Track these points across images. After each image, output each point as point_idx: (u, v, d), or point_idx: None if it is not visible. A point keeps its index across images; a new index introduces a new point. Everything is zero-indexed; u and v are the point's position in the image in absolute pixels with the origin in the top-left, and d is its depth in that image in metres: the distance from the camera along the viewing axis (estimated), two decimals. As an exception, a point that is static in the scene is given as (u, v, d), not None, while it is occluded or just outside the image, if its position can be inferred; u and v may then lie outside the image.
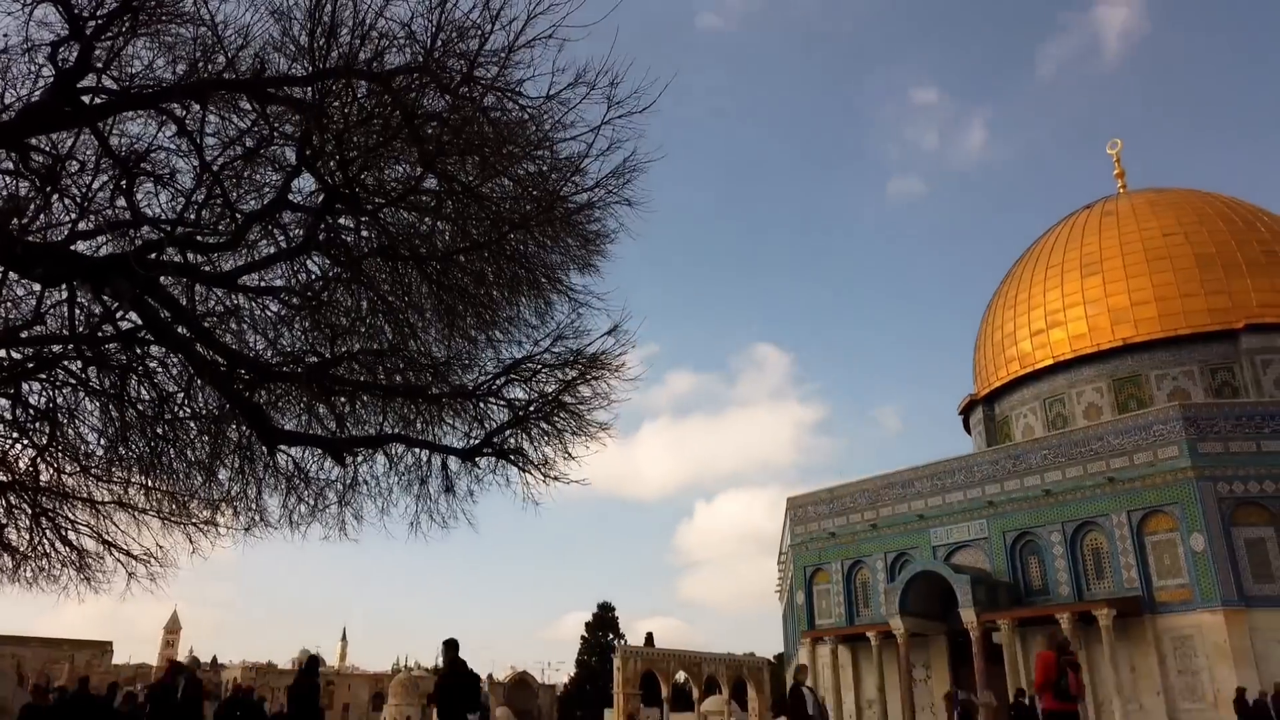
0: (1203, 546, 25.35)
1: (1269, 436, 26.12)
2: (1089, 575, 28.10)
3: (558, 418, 9.19)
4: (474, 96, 6.79)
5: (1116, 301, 35.59)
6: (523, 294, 8.62)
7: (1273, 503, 25.49)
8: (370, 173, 7.43)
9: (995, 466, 31.08)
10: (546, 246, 8.33)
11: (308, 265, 8.39)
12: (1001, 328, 40.12)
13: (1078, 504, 28.50)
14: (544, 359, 8.98)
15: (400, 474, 9.59)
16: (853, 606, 34.69)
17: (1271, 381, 32.71)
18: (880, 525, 33.96)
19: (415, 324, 8.51)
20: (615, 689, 53.56)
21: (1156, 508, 26.74)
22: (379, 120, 6.91)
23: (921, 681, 31.44)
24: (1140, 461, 27.30)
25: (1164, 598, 26.14)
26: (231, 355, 7.94)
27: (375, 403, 9.11)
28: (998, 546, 30.18)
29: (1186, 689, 24.95)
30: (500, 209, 7.62)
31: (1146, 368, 34.81)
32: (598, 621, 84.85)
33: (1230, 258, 34.69)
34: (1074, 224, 39.82)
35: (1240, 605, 24.62)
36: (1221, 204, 37.58)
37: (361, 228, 7.89)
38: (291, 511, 9.64)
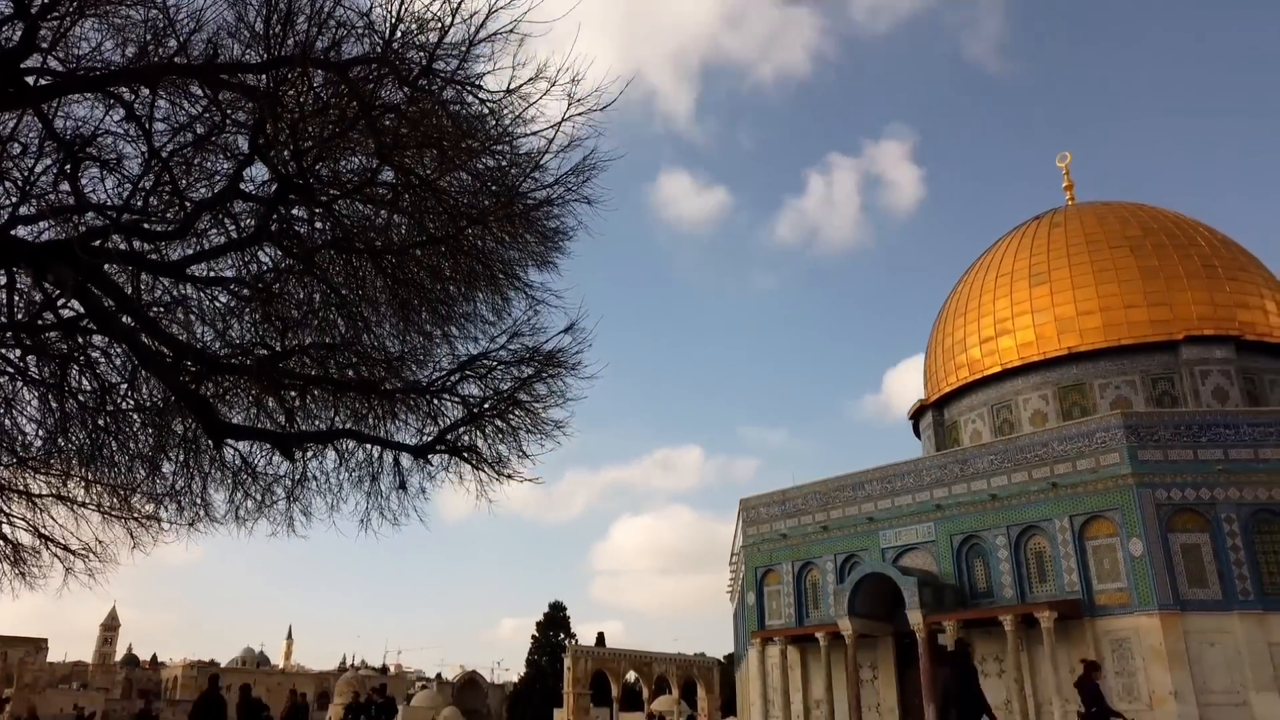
0: (1141, 551, 26.05)
1: (1205, 445, 26.93)
2: (1032, 578, 28.71)
3: (513, 415, 9.14)
4: (433, 89, 6.73)
5: (1063, 311, 36.43)
6: (479, 290, 8.56)
7: (1208, 509, 26.29)
8: (325, 164, 7.32)
9: (944, 471, 31.61)
10: (505, 242, 8.28)
11: (259, 256, 8.24)
12: (952, 334, 40.83)
13: (1022, 508, 29.11)
14: (500, 356, 8.93)
15: (351, 470, 9.46)
16: (803, 607, 35.03)
17: (1209, 392, 33.74)
18: (831, 527, 34.35)
19: (369, 318, 8.41)
20: (566, 688, 53.49)
21: (1097, 513, 27.42)
22: (335, 110, 6.81)
23: (869, 682, 31.86)
24: (1083, 468, 27.97)
25: (1103, 601, 26.81)
26: (178, 346, 7.76)
27: (326, 397, 8.98)
28: (945, 549, 30.70)
29: (1124, 689, 25.61)
30: (458, 203, 7.56)
31: (1091, 376, 35.68)
32: (549, 621, 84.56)
33: (1172, 271, 35.71)
34: (1024, 234, 40.67)
35: (1175, 609, 25.34)
36: (1165, 218, 38.67)
37: (315, 219, 7.77)
38: (238, 507, 9.46)
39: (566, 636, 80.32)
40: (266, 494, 9.43)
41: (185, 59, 6.64)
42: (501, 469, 9.24)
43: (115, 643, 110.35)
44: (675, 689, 59.94)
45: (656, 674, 59.39)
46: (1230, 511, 26.08)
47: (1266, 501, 26.16)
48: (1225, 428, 27.17)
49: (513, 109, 7.09)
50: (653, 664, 59.06)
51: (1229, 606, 25.21)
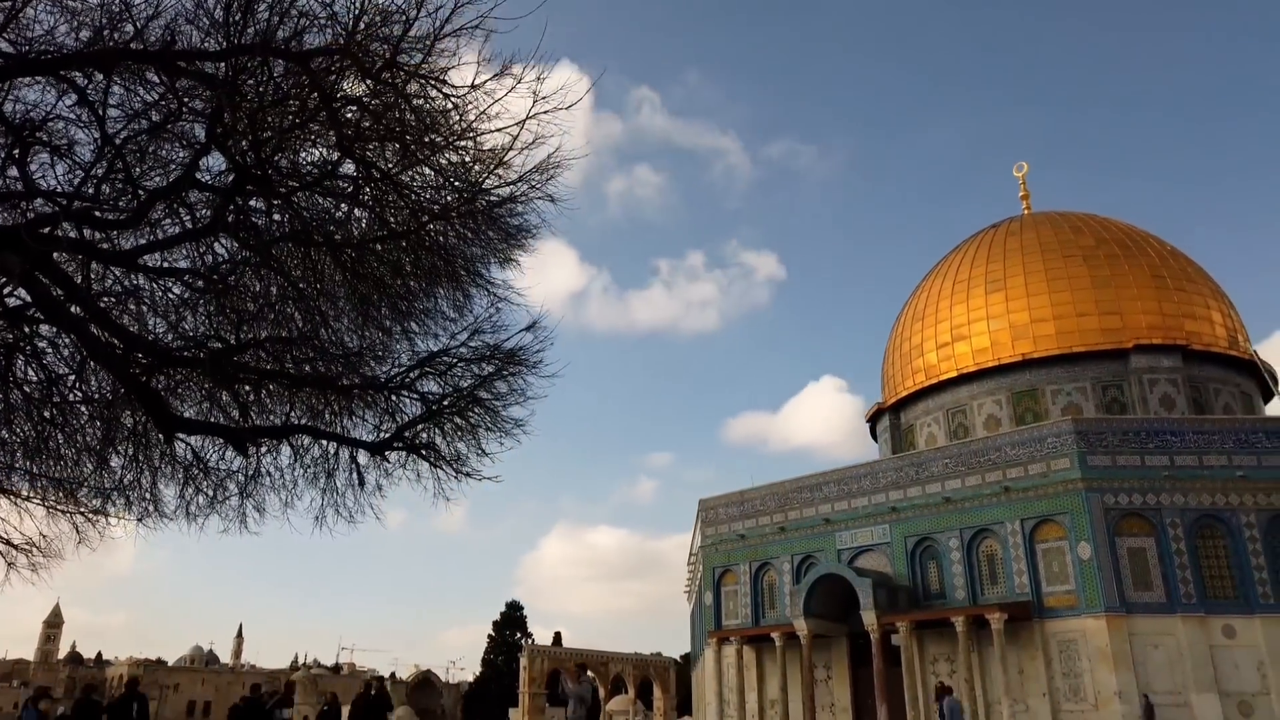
0: (1089, 555, 26.62)
1: (1152, 452, 27.60)
2: (983, 580, 29.20)
3: (472, 413, 9.09)
4: (396, 82, 6.66)
5: (1018, 318, 37.10)
6: (441, 286, 8.49)
7: (1153, 514, 26.95)
8: (284, 155, 7.21)
9: (899, 473, 32.02)
10: (467, 239, 8.22)
11: (214, 247, 8.09)
12: (909, 339, 41.38)
13: (975, 511, 29.60)
14: (460, 353, 8.87)
15: (306, 466, 9.33)
16: (759, 608, 35.26)
17: (1157, 400, 34.59)
18: (788, 528, 34.61)
19: (327, 312, 8.30)
20: (521, 688, 53.19)
21: (1048, 517, 27.97)
22: (296, 101, 6.71)
23: (823, 681, 32.17)
24: (1034, 472, 28.51)
25: (1052, 603, 27.35)
26: (128, 337, 7.59)
27: (282, 392, 8.84)
28: (899, 551, 31.10)
29: (1070, 690, 26.16)
30: (420, 198, 7.49)
31: (1043, 382, 36.39)
32: (505, 620, 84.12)
33: (1123, 280, 36.55)
34: (981, 242, 41.36)
35: (1121, 611, 25.93)
36: (1117, 229, 39.56)
37: (273, 211, 7.64)
38: (189, 502, 9.28)
39: (523, 636, 79.97)
40: (218, 490, 9.27)
41: (141, 45, 6.49)
42: (460, 467, 9.18)
43: (59, 640, 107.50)
44: (631, 689, 59.96)
45: (613, 674, 59.37)
46: (1175, 517, 26.76)
47: (1209, 507, 26.88)
48: (1171, 435, 27.87)
49: (477, 105, 7.04)
50: (609, 664, 59.04)
51: (1172, 609, 25.87)
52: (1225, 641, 25.51)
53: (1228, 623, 25.68)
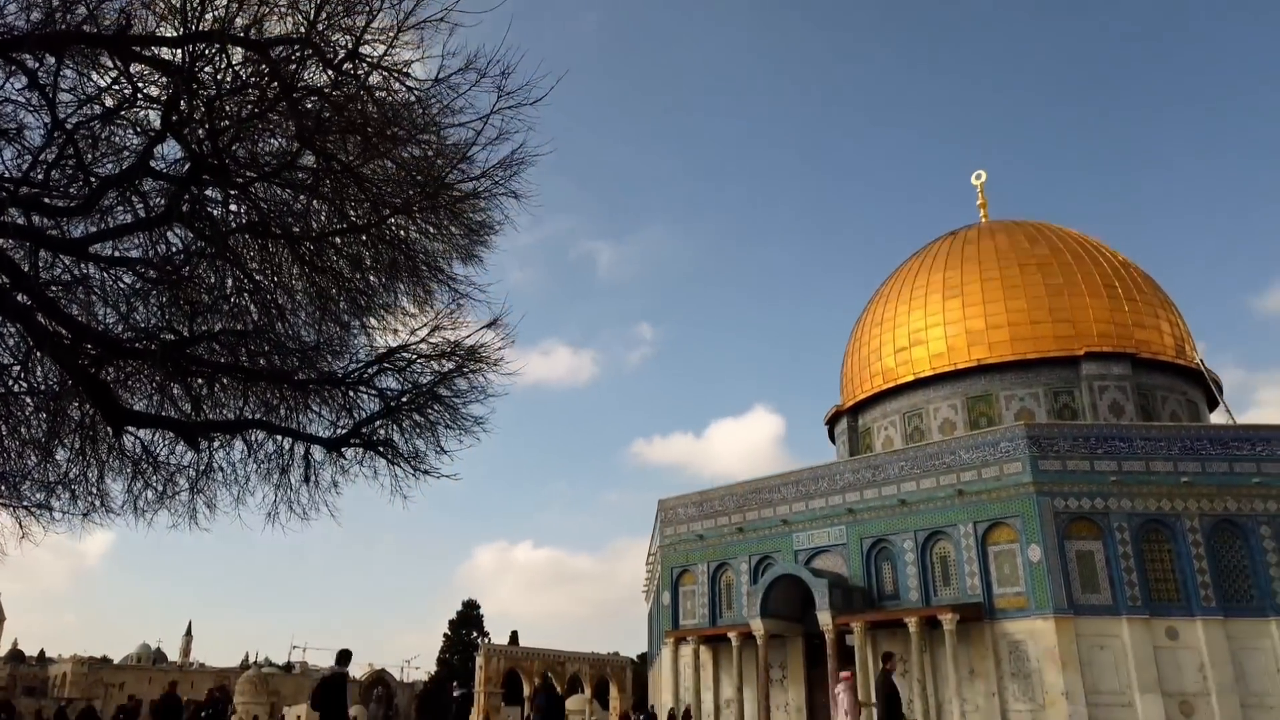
0: (1039, 557, 27.13)
1: (1101, 457, 28.21)
2: (936, 581, 29.63)
3: (431, 410, 9.01)
4: (358, 74, 6.59)
5: (973, 325, 37.71)
6: (401, 281, 8.40)
7: (1101, 518, 27.55)
8: (242, 144, 7.08)
9: (856, 475, 32.37)
10: (428, 234, 8.15)
11: (168, 237, 7.92)
12: (868, 343, 41.85)
13: (929, 514, 30.02)
14: (420, 349, 8.79)
15: (260, 462, 9.18)
16: (717, 608, 35.42)
17: (1106, 406, 35.37)
18: (746, 529, 34.82)
19: (284, 306, 8.17)
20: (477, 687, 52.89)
21: (1000, 520, 28.46)
22: (254, 90, 6.60)
23: (778, 681, 32.40)
24: (987, 476, 29.00)
25: (1002, 604, 27.83)
26: (77, 328, 7.41)
27: (236, 386, 8.69)
28: (855, 552, 31.44)
29: (1019, 690, 26.64)
30: (381, 192, 7.41)
31: (997, 388, 37.03)
32: (462, 619, 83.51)
33: (1076, 289, 37.31)
34: (939, 248, 41.97)
35: (1069, 613, 26.47)
36: (1071, 238, 40.38)
37: (230, 201, 7.51)
38: (137, 497, 9.08)
39: (479, 635, 79.46)
40: (168, 484, 9.08)
41: (95, 28, 6.34)
42: (418, 465, 9.09)
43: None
44: (588, 688, 59.91)
45: (570, 673, 59.27)
46: (1122, 521, 27.38)
47: (1155, 512, 27.54)
48: (1120, 440, 28.51)
49: (441, 99, 6.99)
50: (566, 663, 58.92)
51: (1118, 612, 26.46)
52: (1168, 643, 26.16)
53: (1171, 625, 26.34)
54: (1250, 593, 26.84)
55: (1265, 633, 26.21)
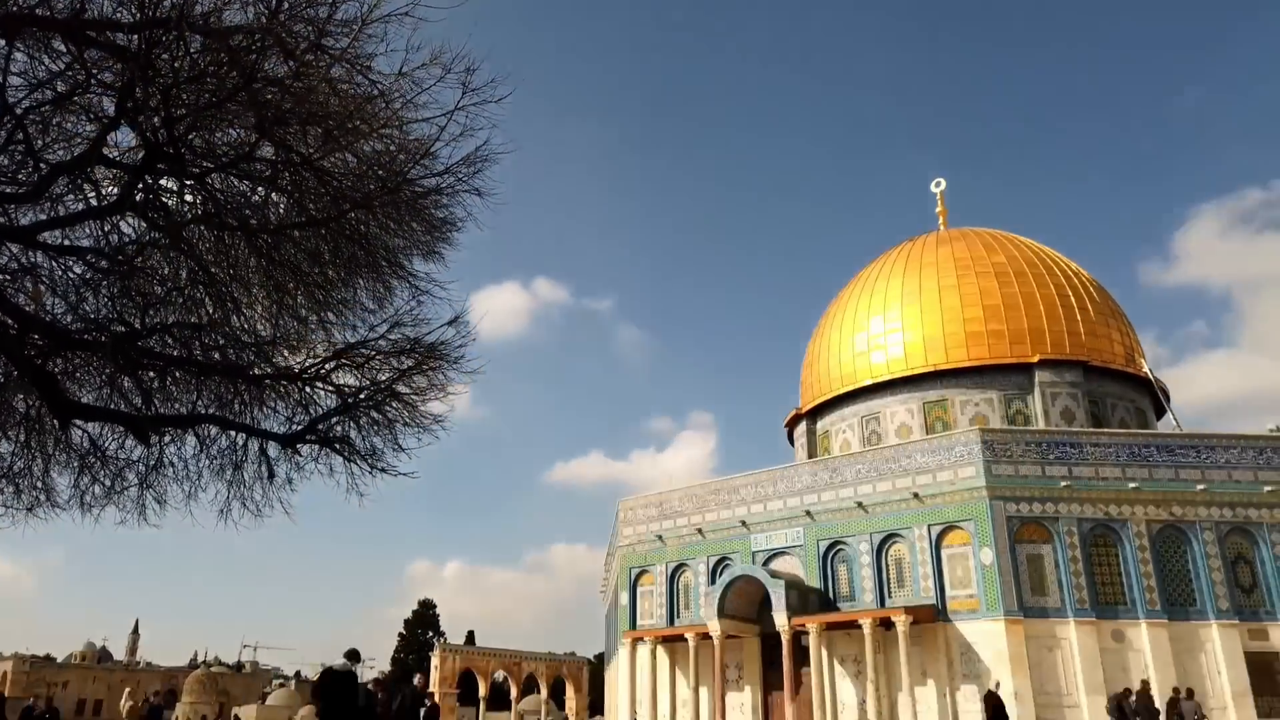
0: (991, 560, 27.61)
1: (1052, 462, 28.79)
2: (891, 583, 30.01)
3: (390, 407, 8.94)
4: (320, 65, 6.50)
5: (931, 331, 38.27)
6: (360, 276, 8.32)
7: (1051, 522, 28.12)
8: (199, 134, 6.96)
9: (814, 478, 32.68)
10: (389, 229, 8.08)
11: (120, 227, 7.75)
12: (828, 347, 42.28)
13: (885, 516, 30.40)
14: (379, 345, 8.71)
15: (212, 457, 9.03)
16: (674, 608, 35.54)
17: (1058, 412, 36.11)
18: (705, 530, 34.97)
19: (240, 299, 8.05)
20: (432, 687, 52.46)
21: (954, 523, 28.91)
22: (213, 79, 6.49)
23: (734, 681, 32.58)
24: (942, 480, 29.44)
25: (955, 606, 28.27)
26: (23, 317, 7.23)
27: (189, 380, 8.53)
28: (812, 554, 31.73)
29: (970, 692, 27.08)
30: (342, 185, 7.33)
31: (953, 393, 37.62)
32: (417, 619, 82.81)
33: (1031, 298, 38.05)
34: (899, 254, 42.55)
35: (1019, 615, 26.98)
36: (1027, 247, 41.16)
37: (185, 191, 7.38)
38: (84, 492, 8.87)
39: (435, 635, 78.85)
40: (117, 479, 8.89)
41: (48, 11, 6.19)
42: (375, 462, 9.01)
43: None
44: (544, 688, 59.74)
45: (526, 673, 59.06)
46: (1071, 525, 27.96)
47: (1103, 517, 28.18)
48: (1070, 446, 29.12)
49: (404, 93, 6.93)
50: (522, 663, 58.71)
51: (1066, 614, 27.02)
52: (1114, 645, 26.77)
53: (1117, 627, 26.96)
54: (1193, 597, 27.56)
55: (1206, 636, 26.94)
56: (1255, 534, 28.23)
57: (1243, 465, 28.89)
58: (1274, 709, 26.15)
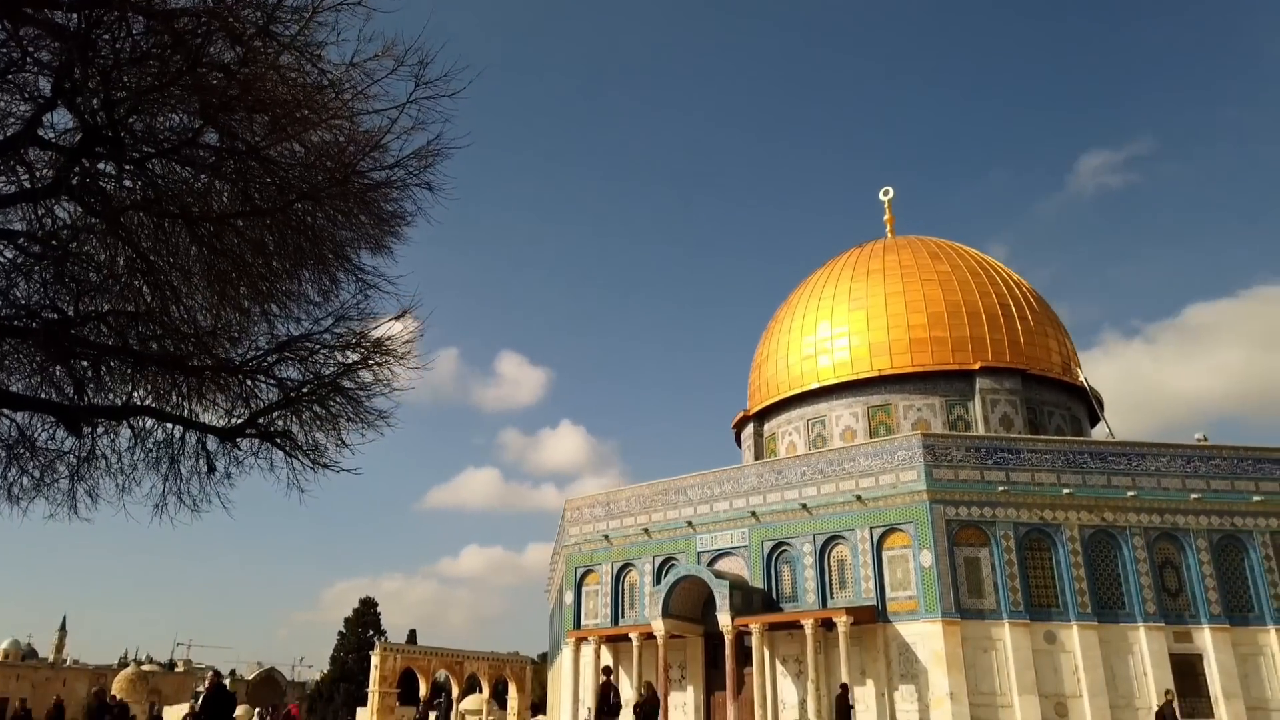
0: (930, 563, 28.15)
1: (991, 467, 29.46)
2: (833, 585, 30.42)
3: (333, 402, 8.81)
4: (269, 52, 6.38)
5: (876, 336, 38.90)
6: (306, 268, 8.19)
7: (989, 526, 28.77)
8: (140, 118, 6.78)
9: (760, 479, 32.98)
10: (337, 221, 7.96)
11: (55, 211, 7.52)
12: (776, 350, 42.72)
13: (829, 519, 30.80)
14: (324, 339, 8.59)
15: (148, 450, 8.81)
16: (619, 608, 35.56)
17: (997, 419, 36.97)
18: (652, 530, 35.07)
19: (179, 288, 7.86)
20: (372, 687, 51.75)
21: (895, 526, 29.41)
22: (156, 62, 6.32)
23: (677, 681, 32.72)
24: (884, 483, 29.93)
25: (895, 608, 28.76)
26: (-51, 302, 6.95)
27: (124, 370, 8.31)
28: (756, 555, 32.02)
29: (907, 692, 27.57)
30: (289, 175, 7.20)
31: (896, 398, 38.28)
32: (358, 617, 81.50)
33: (974, 307, 38.91)
34: (847, 260, 43.17)
35: (956, 617, 27.55)
36: (971, 257, 42.08)
37: (124, 176, 7.18)
38: (11, 484, 8.58)
39: (377, 634, 77.70)
40: (46, 471, 8.62)
41: (-19, -16, 5.96)
42: (317, 457, 8.87)
43: None
44: (486, 688, 59.35)
45: (468, 672, 58.60)
46: (1008, 530, 28.65)
47: (1038, 522, 28.92)
48: (1008, 452, 29.83)
49: (355, 84, 6.84)
50: (465, 662, 58.23)
51: (1001, 616, 27.67)
52: (1046, 647, 27.49)
53: (1050, 629, 27.68)
54: (1122, 600, 28.42)
55: (1134, 638, 27.81)
56: (1182, 540, 29.22)
57: (1171, 473, 29.89)
58: (1197, 709, 27.10)
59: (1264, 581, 28.86)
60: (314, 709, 75.90)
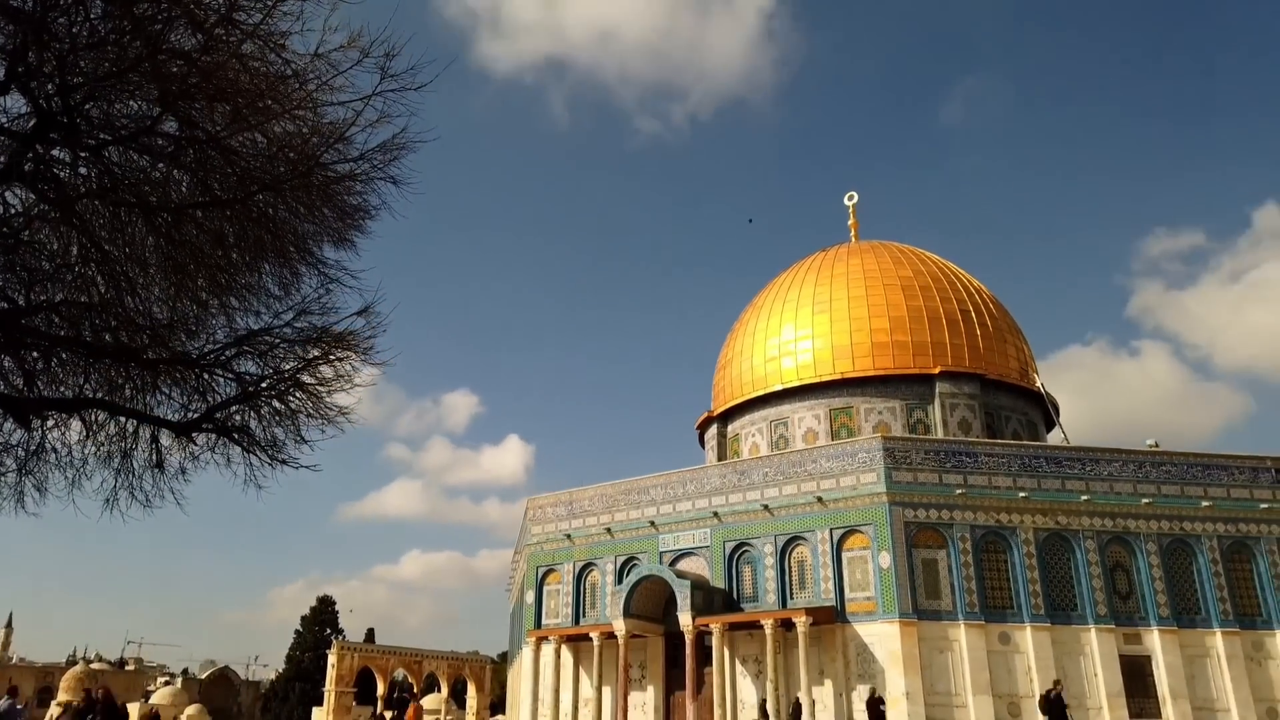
0: (888, 564, 28.48)
1: (949, 470, 29.89)
2: (793, 585, 30.66)
3: (293, 397, 8.67)
4: (231, 40, 6.27)
5: (839, 340, 39.27)
6: (266, 261, 8.05)
7: (946, 529, 29.19)
8: (97, 104, 6.63)
9: (723, 480, 33.13)
10: (299, 214, 7.84)
11: (6, 197, 7.32)
12: (740, 352, 42.95)
13: (790, 519, 31.03)
14: (284, 333, 8.45)
15: (100, 444, 8.61)
16: (580, 607, 35.51)
17: (956, 423, 37.50)
18: (614, 530, 35.07)
19: (135, 279, 7.68)
20: (328, 686, 51.11)
21: (854, 527, 29.72)
22: (114, 48, 6.19)
23: (637, 681, 32.75)
24: (845, 485, 30.22)
25: (853, 609, 29.06)
26: (-108, 289, 6.75)
27: (77, 362, 8.11)
28: (718, 555, 32.16)
29: (865, 691, 27.83)
30: (250, 166, 7.08)
31: (858, 401, 38.68)
32: (315, 616, 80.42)
33: (935, 312, 39.44)
34: (811, 264, 43.53)
35: (913, 618, 27.90)
36: (933, 263, 42.63)
37: (80, 164, 7.01)
38: (-45, 477, 8.34)
39: (334, 633, 76.74)
40: (-8, 464, 8.38)
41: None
42: (276, 454, 8.74)
43: None
44: (445, 687, 58.93)
45: (427, 672, 58.15)
46: (965, 532, 29.08)
47: (994, 525, 29.39)
48: (966, 456, 30.27)
49: (320, 75, 6.75)
50: (423, 661, 57.77)
51: (957, 617, 28.08)
52: (1001, 648, 27.95)
53: (1004, 630, 28.15)
54: (1074, 602, 28.98)
55: (1086, 640, 28.37)
56: (1133, 543, 29.86)
57: (1123, 478, 30.54)
58: (1145, 709, 27.72)
59: (1211, 585, 29.59)
60: (268, 708, 74.80)
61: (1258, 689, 28.39)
